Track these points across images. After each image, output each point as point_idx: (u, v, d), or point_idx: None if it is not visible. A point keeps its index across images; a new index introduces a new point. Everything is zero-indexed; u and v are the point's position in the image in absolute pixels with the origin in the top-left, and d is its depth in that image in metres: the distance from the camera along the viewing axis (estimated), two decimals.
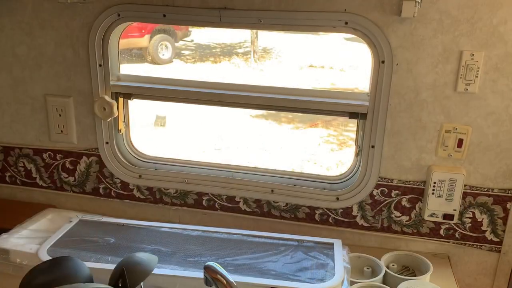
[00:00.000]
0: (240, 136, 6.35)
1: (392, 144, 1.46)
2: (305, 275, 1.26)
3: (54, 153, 1.72)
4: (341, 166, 5.65)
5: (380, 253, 1.46)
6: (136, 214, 1.72)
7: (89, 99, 1.61)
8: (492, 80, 1.35)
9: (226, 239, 1.43)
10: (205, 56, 10.12)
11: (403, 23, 1.34)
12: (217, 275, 1.05)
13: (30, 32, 1.59)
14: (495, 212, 1.47)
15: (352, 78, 8.34)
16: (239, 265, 1.30)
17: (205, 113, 6.48)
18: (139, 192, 1.71)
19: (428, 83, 1.38)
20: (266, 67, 9.34)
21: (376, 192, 1.52)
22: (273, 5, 1.40)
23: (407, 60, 1.37)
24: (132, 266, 1.11)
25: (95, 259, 1.30)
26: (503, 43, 1.31)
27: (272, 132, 6.57)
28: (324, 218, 1.59)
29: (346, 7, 1.36)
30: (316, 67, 9.09)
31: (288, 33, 9.52)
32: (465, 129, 1.40)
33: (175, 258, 1.33)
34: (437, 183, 1.44)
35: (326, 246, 1.39)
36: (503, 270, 1.52)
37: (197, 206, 1.68)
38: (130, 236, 1.43)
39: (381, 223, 1.56)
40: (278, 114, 6.82)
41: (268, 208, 1.62)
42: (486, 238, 1.50)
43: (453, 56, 1.34)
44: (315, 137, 6.47)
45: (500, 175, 1.43)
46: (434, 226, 1.52)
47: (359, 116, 1.49)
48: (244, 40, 10.55)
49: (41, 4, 1.54)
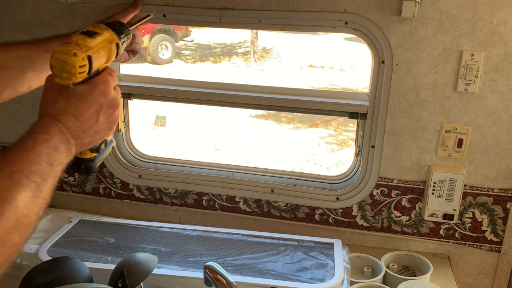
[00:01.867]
0: (240, 136, 6.35)
1: (392, 144, 1.46)
2: (305, 275, 1.26)
3: None
4: (341, 166, 5.65)
5: (380, 253, 1.46)
6: (136, 214, 1.72)
7: None
8: (492, 80, 1.35)
9: (226, 239, 1.43)
10: (205, 56, 10.12)
11: (403, 23, 1.34)
12: (217, 275, 1.05)
13: (30, 32, 1.58)
14: (495, 212, 1.47)
15: (352, 78, 8.34)
16: (239, 265, 1.30)
17: (205, 113, 6.49)
18: (139, 192, 1.71)
19: (428, 83, 1.38)
20: (266, 67, 9.34)
21: (376, 192, 1.52)
22: (273, 5, 1.39)
23: (407, 60, 1.37)
24: (132, 266, 1.11)
25: (95, 259, 1.30)
26: (503, 43, 1.31)
27: (272, 132, 6.57)
28: (324, 218, 1.59)
29: (346, 7, 1.35)
30: (316, 67, 9.10)
31: (288, 33, 9.52)
32: (465, 129, 1.40)
33: (175, 258, 1.33)
34: (437, 183, 1.44)
35: (326, 246, 1.39)
36: (503, 270, 1.52)
37: (197, 206, 1.68)
38: (130, 236, 1.43)
39: (381, 223, 1.56)
40: (278, 114, 6.82)
41: (268, 208, 1.62)
42: (486, 238, 1.50)
43: (453, 56, 1.34)
44: (315, 137, 6.48)
45: (500, 175, 1.43)
46: (434, 226, 1.52)
47: (359, 116, 1.49)
48: (244, 40, 10.56)
49: (41, 4, 1.54)
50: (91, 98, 0.79)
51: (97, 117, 0.81)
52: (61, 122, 0.76)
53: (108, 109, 0.83)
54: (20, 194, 0.63)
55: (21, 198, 0.63)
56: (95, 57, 0.81)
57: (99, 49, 0.83)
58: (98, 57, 0.82)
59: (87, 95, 0.79)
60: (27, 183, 0.64)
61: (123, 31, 0.94)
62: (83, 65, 0.79)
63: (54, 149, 0.72)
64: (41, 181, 0.67)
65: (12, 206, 0.61)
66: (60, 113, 0.76)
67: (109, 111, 0.83)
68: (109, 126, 0.85)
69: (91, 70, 0.81)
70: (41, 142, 0.70)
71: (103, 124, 0.83)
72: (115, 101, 0.85)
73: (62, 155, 0.74)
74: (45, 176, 0.68)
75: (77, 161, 0.86)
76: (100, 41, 0.84)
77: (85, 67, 0.79)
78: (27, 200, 0.63)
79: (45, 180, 0.68)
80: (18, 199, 0.62)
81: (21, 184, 0.64)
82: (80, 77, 0.80)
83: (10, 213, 0.61)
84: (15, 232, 0.61)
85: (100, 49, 0.83)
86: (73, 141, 0.77)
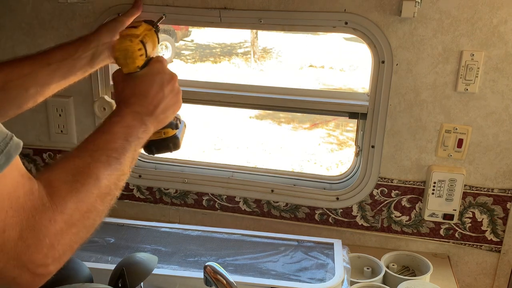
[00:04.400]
0: (240, 136, 6.35)
1: (392, 144, 1.46)
2: (305, 275, 1.27)
3: (54, 153, 1.72)
4: (341, 166, 5.65)
5: (380, 253, 1.46)
6: (136, 214, 1.72)
7: (89, 99, 1.61)
8: (492, 80, 1.35)
9: (226, 239, 1.43)
10: (205, 56, 10.13)
11: (403, 23, 1.34)
12: (217, 275, 1.05)
13: (30, 32, 1.58)
14: (495, 212, 1.47)
15: (352, 78, 8.34)
16: (239, 265, 1.30)
17: (205, 113, 6.49)
18: (139, 192, 1.71)
19: (428, 83, 1.38)
20: (266, 67, 9.35)
21: (376, 192, 1.52)
22: (273, 5, 1.39)
23: (407, 60, 1.37)
24: (132, 266, 1.11)
25: (95, 259, 1.30)
26: (503, 43, 1.31)
27: (272, 132, 6.57)
28: (324, 218, 1.59)
29: (346, 7, 1.35)
30: (316, 67, 9.10)
31: (288, 33, 9.52)
32: (465, 129, 1.40)
33: (175, 258, 1.33)
34: (437, 183, 1.44)
35: (326, 246, 1.39)
36: (503, 270, 1.52)
37: (197, 206, 1.68)
38: (130, 236, 1.43)
39: (381, 223, 1.56)
40: (277, 114, 6.82)
41: (268, 208, 1.62)
42: (486, 238, 1.50)
43: (453, 56, 1.34)
44: (315, 137, 6.48)
45: (500, 175, 1.43)
46: (434, 226, 1.52)
47: (359, 116, 1.49)
48: (244, 40, 10.56)
49: (41, 4, 1.54)
50: (152, 77, 0.91)
51: (162, 91, 0.91)
52: (132, 104, 0.87)
53: (169, 83, 0.93)
54: (99, 170, 0.74)
55: (101, 172, 0.74)
56: (146, 41, 0.94)
57: (145, 36, 0.95)
58: (147, 41, 0.95)
59: (148, 76, 0.91)
60: (105, 160, 0.76)
61: (153, 23, 1.05)
62: (140, 48, 0.92)
63: (128, 127, 0.83)
64: (119, 155, 0.79)
65: (92, 179, 0.73)
66: (129, 96, 0.88)
67: (171, 84, 0.94)
68: (176, 98, 0.95)
69: (147, 53, 0.94)
70: (115, 123, 0.83)
71: (170, 97, 0.93)
72: (172, 74, 0.96)
73: (138, 130, 0.85)
74: (123, 151, 0.80)
75: (164, 141, 1.00)
76: (142, 29, 0.96)
77: (142, 50, 0.92)
78: (106, 173, 0.75)
79: (123, 155, 0.80)
80: (99, 174, 0.74)
81: (100, 161, 0.75)
82: (141, 60, 0.92)
83: (92, 186, 0.72)
84: (98, 201, 0.73)
85: (145, 36, 0.95)
86: (147, 117, 0.88)
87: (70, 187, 0.69)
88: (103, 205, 0.75)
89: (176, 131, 1.01)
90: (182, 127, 1.05)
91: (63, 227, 0.67)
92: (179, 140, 1.01)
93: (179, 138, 1.02)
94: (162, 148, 1.00)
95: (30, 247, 0.63)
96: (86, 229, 0.72)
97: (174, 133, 1.01)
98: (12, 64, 1.01)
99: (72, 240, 0.69)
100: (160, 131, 0.98)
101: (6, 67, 1.00)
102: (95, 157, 0.76)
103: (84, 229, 0.71)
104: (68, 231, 0.68)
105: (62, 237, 0.67)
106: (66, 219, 0.67)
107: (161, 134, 0.98)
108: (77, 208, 0.69)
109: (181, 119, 1.07)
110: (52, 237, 0.65)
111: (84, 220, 0.71)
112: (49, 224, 0.65)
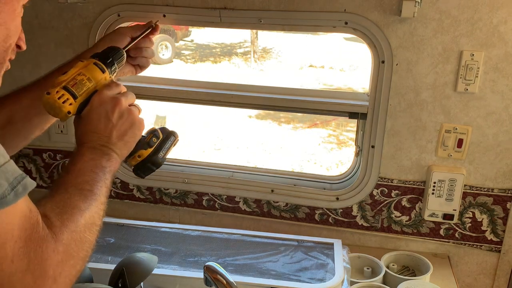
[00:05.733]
0: (240, 136, 6.35)
1: (392, 144, 1.46)
2: (305, 275, 1.27)
3: (54, 153, 1.72)
4: (341, 166, 5.65)
5: (380, 253, 1.46)
6: (136, 214, 1.72)
7: None
8: (492, 80, 1.35)
9: (226, 239, 1.43)
10: (205, 56, 10.12)
11: (403, 23, 1.34)
12: (217, 275, 1.05)
13: (30, 32, 1.58)
14: (495, 212, 1.47)
15: (352, 78, 8.34)
16: (239, 265, 1.30)
17: (205, 113, 6.49)
18: (139, 192, 1.71)
19: (428, 83, 1.38)
20: (266, 67, 9.34)
21: (376, 192, 1.52)
22: (273, 5, 1.39)
23: (407, 60, 1.37)
24: (132, 266, 1.11)
25: (95, 259, 1.30)
26: (503, 43, 1.31)
27: (272, 132, 6.57)
28: (324, 218, 1.59)
29: (346, 7, 1.35)
30: (316, 67, 9.10)
31: (288, 33, 9.52)
32: (465, 129, 1.40)
33: (175, 258, 1.33)
34: (437, 183, 1.44)
35: (326, 246, 1.39)
36: (503, 270, 1.52)
37: (197, 206, 1.68)
38: (130, 236, 1.43)
39: (381, 223, 1.56)
40: (277, 114, 6.82)
41: (268, 208, 1.62)
42: (486, 238, 1.50)
43: (453, 56, 1.34)
44: (315, 137, 6.48)
45: (500, 175, 1.43)
46: (434, 226, 1.52)
47: (359, 116, 1.49)
48: (244, 40, 10.56)
49: (41, 4, 1.54)
50: (96, 112, 0.90)
51: (110, 121, 0.90)
52: (86, 142, 0.88)
53: (113, 110, 0.90)
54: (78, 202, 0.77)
55: (81, 204, 0.77)
56: (72, 84, 0.88)
57: (74, 78, 0.89)
58: (76, 83, 0.89)
59: (92, 111, 0.90)
60: (80, 193, 0.79)
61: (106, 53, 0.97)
62: (61, 95, 0.86)
63: (91, 160, 0.85)
64: (91, 186, 0.81)
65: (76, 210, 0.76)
66: (82, 136, 0.89)
67: (116, 110, 0.91)
68: (128, 121, 0.92)
69: (76, 95, 0.88)
70: (78, 161, 0.85)
71: (120, 123, 0.91)
72: (114, 99, 0.91)
73: (101, 161, 0.86)
74: (93, 182, 0.82)
75: (143, 163, 0.97)
76: (74, 71, 0.90)
77: (66, 96, 0.87)
78: (86, 205, 0.78)
79: (95, 185, 0.82)
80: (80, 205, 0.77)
81: (76, 194, 0.79)
82: (69, 105, 0.87)
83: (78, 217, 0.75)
84: (86, 231, 0.76)
85: (74, 77, 0.90)
86: (105, 148, 0.88)
87: (61, 218, 0.72)
88: (91, 236, 0.78)
89: (151, 150, 0.97)
90: (165, 140, 1.00)
91: (63, 258, 0.69)
92: (157, 157, 0.98)
93: (158, 155, 0.98)
94: (146, 170, 0.98)
95: (37, 281, 0.65)
96: (82, 261, 0.74)
97: (149, 153, 0.97)
98: (13, 97, 1.02)
99: (70, 273, 0.71)
100: (134, 155, 0.96)
101: (7, 101, 1.01)
102: (71, 192, 0.79)
103: (80, 261, 0.74)
104: (67, 262, 0.70)
105: (62, 269, 0.69)
106: (65, 250, 0.70)
107: (135, 158, 0.96)
108: (72, 238, 0.72)
109: (161, 133, 1.01)
110: (55, 268, 0.67)
111: (79, 251, 0.73)
112: (53, 254, 0.67)
